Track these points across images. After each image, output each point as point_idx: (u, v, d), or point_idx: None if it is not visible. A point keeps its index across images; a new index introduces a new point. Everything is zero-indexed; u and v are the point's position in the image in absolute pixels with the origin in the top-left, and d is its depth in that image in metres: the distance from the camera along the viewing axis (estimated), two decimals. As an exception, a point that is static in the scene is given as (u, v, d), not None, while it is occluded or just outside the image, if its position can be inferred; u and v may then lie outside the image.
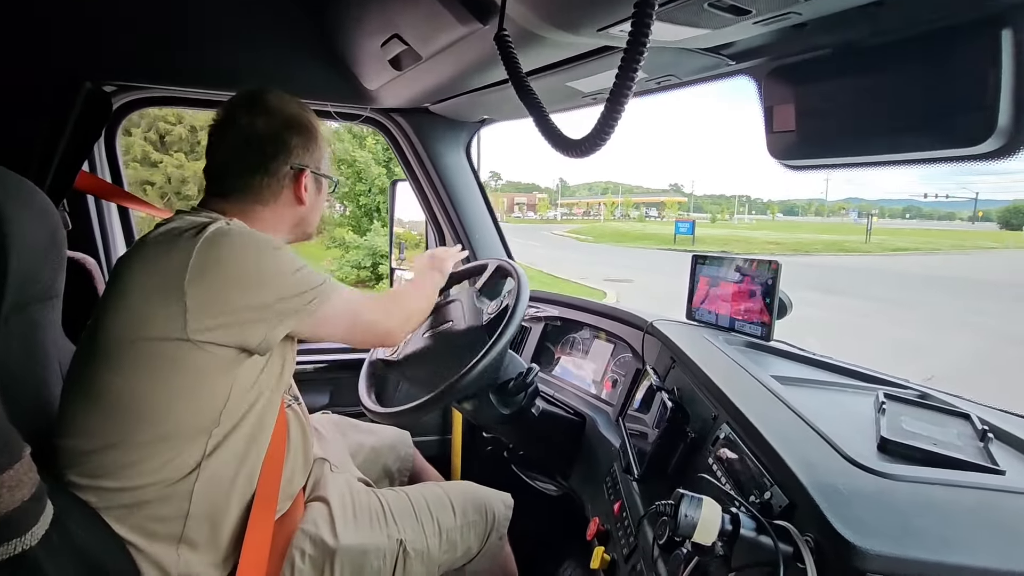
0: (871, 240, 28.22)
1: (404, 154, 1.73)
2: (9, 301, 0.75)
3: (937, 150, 0.74)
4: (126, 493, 0.75)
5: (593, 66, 1.01)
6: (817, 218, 70.81)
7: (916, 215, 71.02)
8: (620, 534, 0.96)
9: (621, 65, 0.52)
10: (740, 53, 0.92)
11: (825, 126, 0.86)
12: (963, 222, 66.02)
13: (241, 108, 0.92)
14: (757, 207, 71.71)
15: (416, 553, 1.00)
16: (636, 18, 0.51)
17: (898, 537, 0.47)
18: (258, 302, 0.79)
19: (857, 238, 29.34)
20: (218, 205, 0.91)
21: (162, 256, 0.78)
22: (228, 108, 0.93)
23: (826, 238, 30.03)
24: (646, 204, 59.87)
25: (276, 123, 0.92)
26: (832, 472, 0.56)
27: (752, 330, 1.12)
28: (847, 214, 68.42)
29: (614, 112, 0.54)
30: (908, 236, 35.14)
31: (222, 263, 0.77)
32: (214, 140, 0.93)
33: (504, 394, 1.18)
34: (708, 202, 70.44)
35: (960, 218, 73.55)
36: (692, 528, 0.52)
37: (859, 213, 64.80)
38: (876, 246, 26.04)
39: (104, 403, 0.76)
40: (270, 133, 0.92)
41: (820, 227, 46.17)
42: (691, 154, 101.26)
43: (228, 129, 0.92)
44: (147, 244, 0.81)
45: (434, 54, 1.05)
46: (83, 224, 1.43)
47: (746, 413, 0.71)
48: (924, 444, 0.62)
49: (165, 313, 0.75)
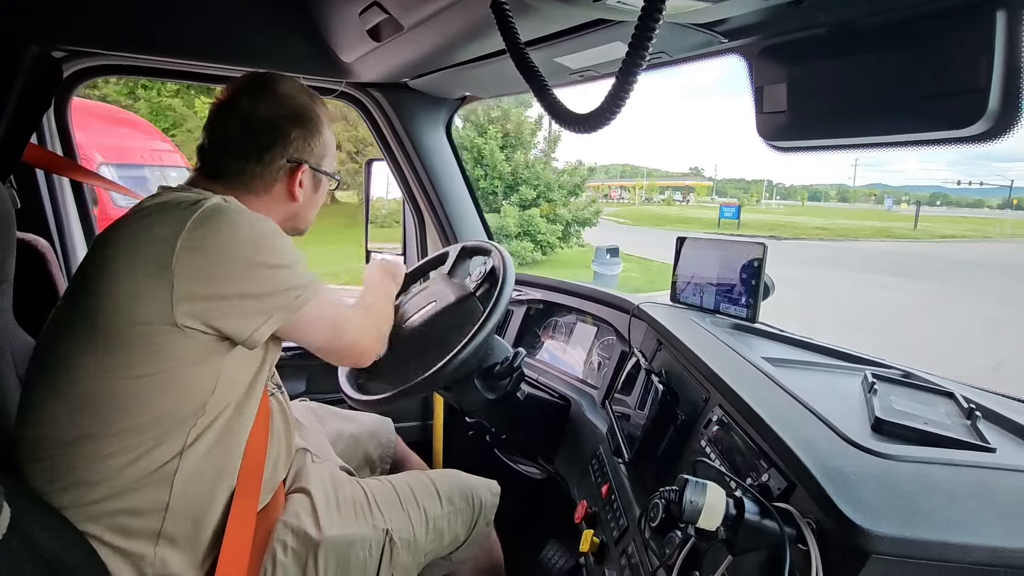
0: (919, 227, 28.43)
1: (381, 132, 1.67)
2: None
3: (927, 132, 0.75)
4: (100, 486, 0.71)
5: (582, 41, 0.98)
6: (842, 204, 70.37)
7: (944, 202, 72.12)
8: (609, 516, 0.96)
9: (635, 34, 0.49)
10: (733, 30, 0.91)
11: (816, 106, 0.85)
12: (991, 210, 66.90)
13: (245, 90, 0.87)
14: (780, 192, 71.62)
15: (403, 542, 0.98)
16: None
17: (904, 518, 0.47)
18: (247, 291, 0.74)
19: (903, 225, 29.65)
20: (206, 185, 0.85)
21: (152, 229, 0.72)
22: (233, 87, 0.88)
23: (872, 224, 30.06)
24: (671, 188, 59.48)
25: (278, 111, 0.87)
26: (832, 453, 0.56)
27: (737, 312, 1.12)
28: (883, 201, 68.43)
29: (625, 84, 0.51)
30: (954, 223, 35.38)
31: (214, 243, 0.72)
32: (213, 119, 0.88)
33: (489, 379, 1.16)
34: (730, 186, 69.62)
35: (989, 206, 74.58)
36: (697, 514, 0.51)
37: (894, 200, 65.19)
38: (924, 233, 26.24)
39: (78, 391, 0.71)
40: (269, 121, 0.86)
41: (856, 213, 46.52)
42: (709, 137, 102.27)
43: (228, 110, 0.87)
44: (132, 218, 0.75)
45: (416, 24, 1.00)
46: (33, 203, 1.33)
47: (741, 394, 0.70)
48: (917, 424, 0.63)
49: (152, 293, 0.70)
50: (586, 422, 1.24)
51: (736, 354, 0.88)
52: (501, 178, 11.04)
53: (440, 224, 1.74)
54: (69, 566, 0.64)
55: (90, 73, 1.36)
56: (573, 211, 11.51)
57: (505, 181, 11.09)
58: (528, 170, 11.21)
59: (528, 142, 11.70)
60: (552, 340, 1.58)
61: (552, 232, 10.98)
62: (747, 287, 1.11)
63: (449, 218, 1.73)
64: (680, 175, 23.95)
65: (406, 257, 2.00)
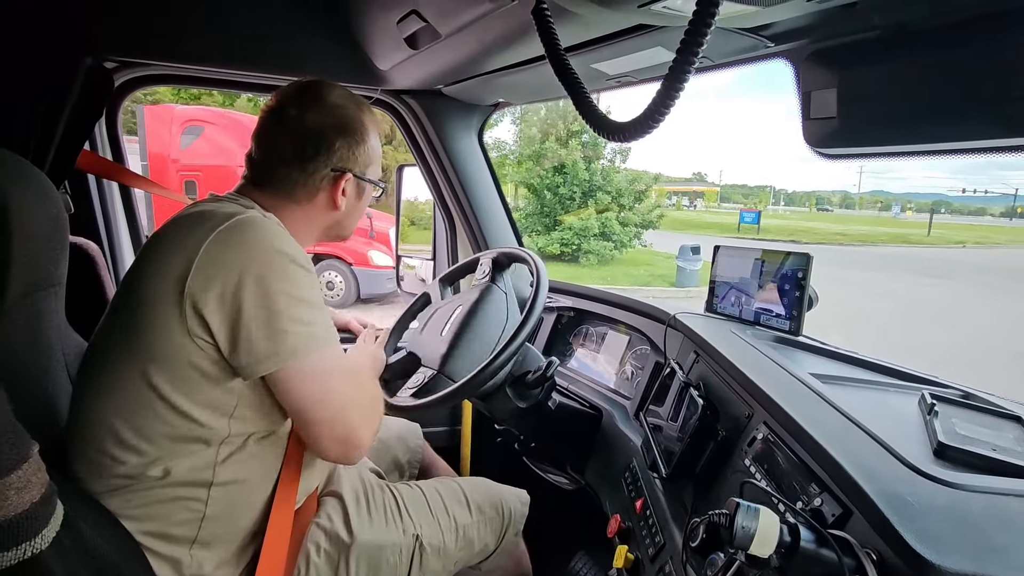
0: (932, 233, 29.49)
1: (414, 137, 1.68)
2: (12, 290, 0.72)
3: (990, 139, 0.71)
4: (139, 492, 0.72)
5: (622, 47, 0.96)
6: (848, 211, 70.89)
7: (948, 210, 70.41)
8: (644, 533, 0.93)
9: (684, 39, 0.47)
10: (779, 34, 0.88)
11: (868, 112, 0.82)
12: (994, 218, 66.49)
13: (293, 98, 0.87)
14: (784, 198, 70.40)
15: (432, 549, 0.98)
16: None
17: (977, 553, 0.44)
18: (250, 318, 0.70)
19: (917, 231, 30.62)
20: (252, 194, 0.86)
21: (180, 238, 0.73)
22: (281, 96, 0.88)
23: (887, 231, 31.11)
24: (678, 193, 59.40)
25: (324, 120, 0.87)
26: (893, 479, 0.53)
27: (780, 324, 1.08)
28: (891, 208, 68.47)
29: (672, 92, 0.49)
30: (966, 231, 36.73)
31: (225, 263, 0.70)
32: (261, 126, 0.88)
33: (521, 387, 1.15)
34: (733, 192, 68.47)
35: (991, 214, 73.43)
36: (749, 540, 0.49)
37: (901, 207, 65.01)
38: (938, 239, 27.13)
39: (118, 397, 0.72)
40: (314, 130, 0.86)
41: (868, 220, 47.76)
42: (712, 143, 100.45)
43: (276, 118, 0.87)
44: (172, 229, 0.76)
45: (453, 32, 1.00)
46: (85, 207, 1.38)
47: (790, 412, 0.67)
48: (983, 450, 0.59)
49: (172, 301, 0.70)
50: (618, 433, 1.21)
51: (781, 368, 0.85)
52: (579, 184, 12.33)
53: (471, 229, 1.74)
54: (116, 563, 0.65)
55: (140, 83, 1.41)
56: (640, 214, 12.99)
57: (582, 187, 12.43)
58: (602, 177, 12.62)
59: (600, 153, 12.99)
60: (583, 348, 1.56)
61: (625, 233, 12.51)
62: (790, 299, 1.07)
63: (480, 224, 1.73)
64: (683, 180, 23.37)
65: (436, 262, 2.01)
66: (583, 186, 12.44)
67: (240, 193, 0.87)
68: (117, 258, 1.46)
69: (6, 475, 0.52)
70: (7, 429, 0.55)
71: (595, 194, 12.50)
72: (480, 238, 1.73)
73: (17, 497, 0.53)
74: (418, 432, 1.38)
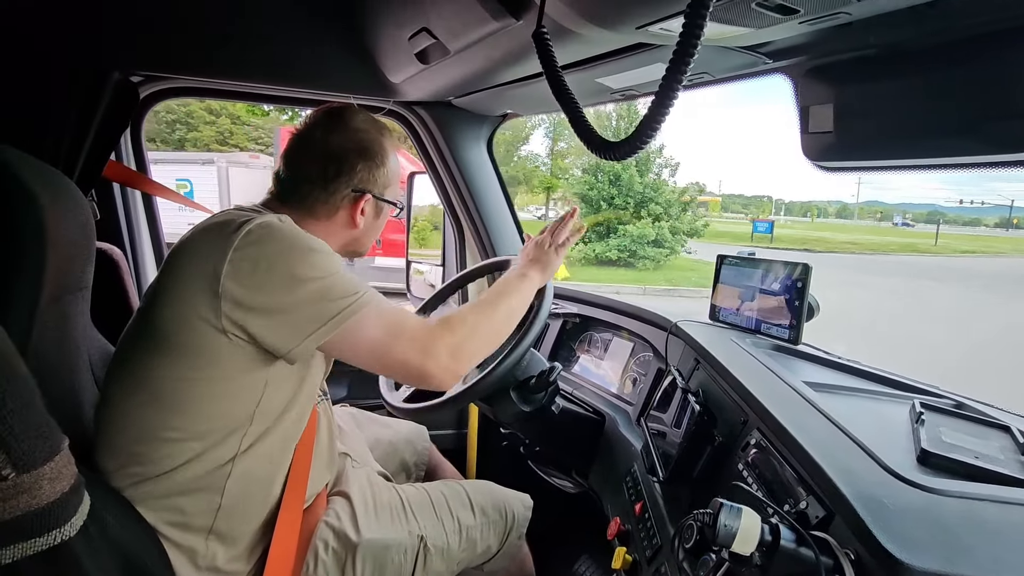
0: (938, 243, 30.67)
1: (425, 147, 1.72)
2: (46, 293, 0.76)
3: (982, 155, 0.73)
4: (161, 483, 0.76)
5: (624, 63, 0.99)
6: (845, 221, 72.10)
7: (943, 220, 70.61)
8: (642, 535, 0.96)
9: (670, 65, 0.50)
10: (777, 51, 0.90)
11: (865, 128, 0.84)
12: (988, 228, 67.03)
13: (320, 123, 0.94)
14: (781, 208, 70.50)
15: (436, 549, 1.00)
16: (689, 17, 0.50)
17: (946, 554, 0.46)
18: (282, 305, 0.75)
19: (924, 241, 31.93)
20: (276, 208, 0.91)
21: (208, 245, 0.78)
22: (309, 121, 0.95)
23: (896, 240, 32.30)
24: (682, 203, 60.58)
25: (346, 143, 0.93)
26: (873, 484, 0.55)
27: (780, 333, 1.10)
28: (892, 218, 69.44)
29: (659, 114, 0.52)
30: (970, 241, 37.98)
31: (257, 258, 0.75)
32: (290, 147, 0.95)
33: (525, 391, 1.18)
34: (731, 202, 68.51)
35: (986, 224, 73.93)
36: (731, 538, 0.52)
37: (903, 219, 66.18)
38: (944, 248, 28.11)
39: (146, 392, 0.77)
40: (337, 152, 0.92)
41: (873, 230, 49.48)
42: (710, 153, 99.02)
43: (303, 141, 0.94)
44: (198, 233, 0.81)
45: (462, 49, 1.04)
46: (109, 214, 1.45)
47: (780, 419, 0.70)
48: (966, 457, 0.61)
49: (204, 302, 0.75)
50: (621, 438, 1.24)
51: (776, 377, 0.87)
52: (632, 196, 13.81)
53: (479, 236, 1.78)
54: (136, 552, 0.69)
55: (163, 95, 1.47)
56: (687, 223, 14.52)
57: (635, 198, 13.84)
58: (653, 189, 14.08)
59: (650, 167, 14.62)
60: (587, 354, 1.58)
61: (676, 240, 14.02)
62: (791, 308, 1.09)
63: (488, 231, 1.77)
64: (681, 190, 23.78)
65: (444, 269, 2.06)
66: (636, 197, 13.80)
67: (264, 206, 0.92)
68: (139, 263, 1.52)
69: (40, 466, 0.57)
70: (41, 423, 0.59)
71: (647, 205, 13.85)
72: (488, 245, 1.77)
73: (50, 487, 0.58)
74: (425, 435, 1.41)
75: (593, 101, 1.28)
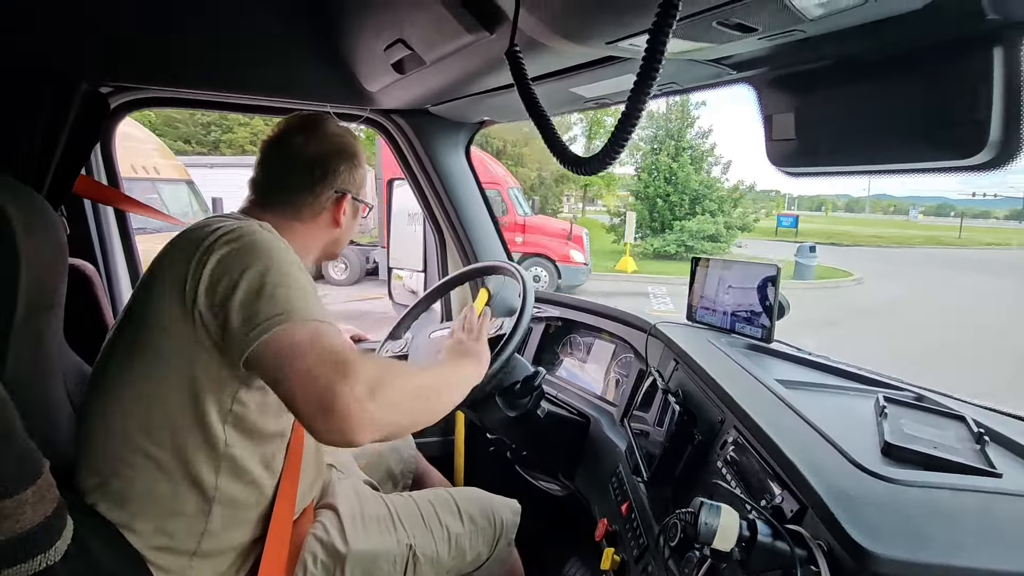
0: (962, 236, 31.61)
1: (403, 154, 1.73)
2: (19, 312, 0.75)
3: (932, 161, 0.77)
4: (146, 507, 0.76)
5: (597, 73, 1.02)
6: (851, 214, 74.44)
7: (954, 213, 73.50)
8: (629, 535, 0.98)
9: (637, 80, 0.52)
10: (741, 63, 0.94)
11: (824, 135, 0.88)
12: (999, 220, 70.42)
13: (296, 129, 0.97)
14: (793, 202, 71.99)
15: (426, 558, 1.01)
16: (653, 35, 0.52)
17: (909, 542, 0.49)
18: (248, 310, 0.71)
19: (948, 234, 32.92)
20: (257, 215, 0.91)
21: (182, 247, 0.78)
22: (284, 128, 0.98)
23: (920, 233, 33.33)
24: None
25: (327, 148, 0.97)
26: (841, 477, 0.58)
27: (752, 332, 1.14)
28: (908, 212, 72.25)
29: (626, 129, 0.54)
30: (992, 234, 39.23)
31: (228, 264, 0.73)
32: (266, 155, 0.97)
33: (510, 397, 1.19)
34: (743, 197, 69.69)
35: (996, 217, 77.59)
36: (712, 535, 0.54)
37: (922, 212, 69.19)
38: (969, 241, 28.99)
39: (124, 406, 0.76)
40: (320, 157, 0.96)
41: (892, 223, 50.80)
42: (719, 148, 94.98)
43: (281, 147, 0.97)
44: (179, 241, 0.81)
45: (438, 59, 1.05)
46: (81, 229, 1.41)
47: (755, 418, 0.73)
48: (925, 448, 0.64)
49: (180, 311, 0.74)
50: (605, 439, 1.26)
51: (750, 376, 0.90)
52: (687, 193, 14.69)
53: (460, 243, 1.79)
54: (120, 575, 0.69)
55: (133, 105, 1.44)
56: (740, 219, 15.28)
57: (690, 195, 14.71)
58: (707, 187, 14.95)
59: (702, 166, 15.55)
60: (570, 357, 1.61)
61: (730, 235, 14.80)
62: (763, 307, 1.13)
63: (469, 237, 1.78)
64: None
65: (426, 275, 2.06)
66: (691, 194, 14.68)
67: (245, 214, 0.92)
68: (113, 279, 1.48)
69: (23, 490, 0.56)
70: (22, 448, 0.59)
71: (702, 201, 14.74)
72: (469, 251, 1.78)
73: (32, 511, 0.57)
74: (411, 443, 1.41)
75: (567, 109, 1.30)
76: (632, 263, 12.24)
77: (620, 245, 14.26)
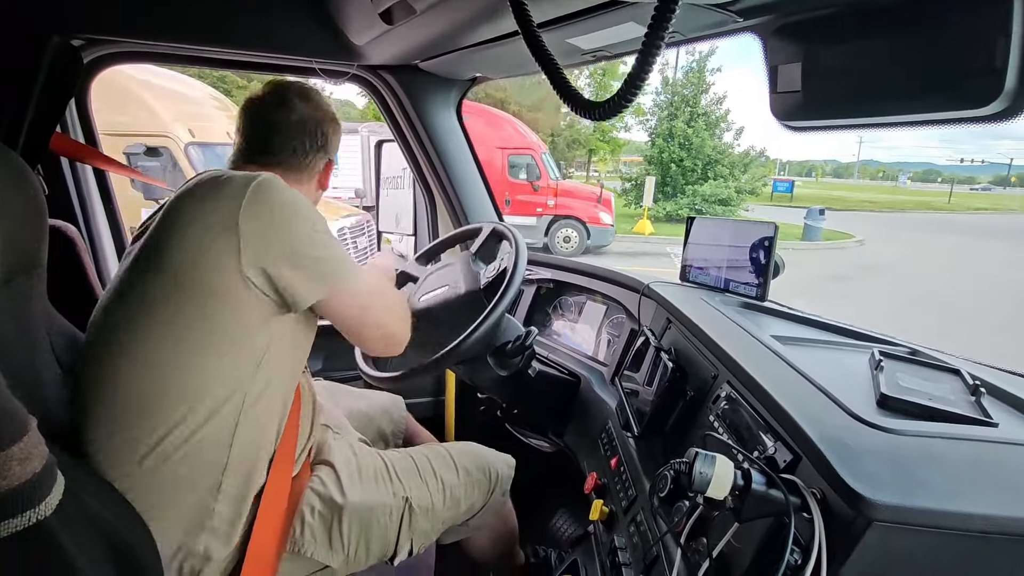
0: (951, 201, 33.36)
1: (392, 113, 1.67)
2: None
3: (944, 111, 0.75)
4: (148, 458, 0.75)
5: (595, 22, 0.98)
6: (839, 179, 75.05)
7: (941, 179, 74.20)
8: (618, 487, 1.00)
9: (652, 23, 0.49)
10: (747, 9, 0.90)
11: (831, 86, 0.85)
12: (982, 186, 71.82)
13: (294, 93, 1.02)
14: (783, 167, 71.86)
15: (421, 509, 1.03)
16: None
17: (904, 489, 0.49)
18: (306, 251, 0.81)
19: (938, 199, 34.21)
20: (253, 169, 0.89)
21: (217, 196, 0.78)
22: (283, 90, 1.02)
23: (911, 199, 34.43)
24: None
25: (322, 115, 1.04)
26: (837, 427, 0.58)
27: (747, 291, 1.14)
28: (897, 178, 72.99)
29: (643, 71, 0.52)
30: (981, 199, 41.28)
31: (274, 206, 0.79)
32: (267, 111, 1.00)
33: (502, 356, 1.19)
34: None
35: (979, 183, 78.89)
36: (706, 484, 0.54)
37: (910, 178, 69.71)
38: (958, 206, 30.17)
39: (142, 357, 0.76)
40: (318, 123, 1.03)
41: (882, 189, 52.43)
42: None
43: (282, 107, 1.00)
44: (195, 190, 0.80)
45: (428, 8, 1.00)
46: (60, 190, 1.37)
47: (750, 371, 0.72)
48: (921, 399, 0.65)
49: (221, 248, 0.75)
50: (595, 398, 1.27)
51: (745, 332, 0.90)
52: (701, 158, 15.01)
53: (451, 204, 1.76)
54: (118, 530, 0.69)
55: (109, 60, 1.37)
56: (749, 183, 15.79)
57: (703, 160, 15.02)
58: (720, 152, 15.24)
59: (714, 132, 15.63)
60: (562, 319, 1.61)
61: (740, 200, 15.21)
62: (757, 266, 1.12)
63: (460, 198, 1.74)
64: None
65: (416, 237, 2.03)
66: (703, 159, 14.99)
67: (236, 169, 0.90)
68: (95, 240, 1.45)
69: (8, 447, 0.55)
70: (6, 405, 0.57)
71: (714, 166, 15.08)
72: (460, 212, 1.75)
73: (20, 468, 0.56)
74: (401, 404, 1.42)
75: (565, 62, 1.25)
76: (649, 226, 12.53)
77: (632, 209, 15.41)
